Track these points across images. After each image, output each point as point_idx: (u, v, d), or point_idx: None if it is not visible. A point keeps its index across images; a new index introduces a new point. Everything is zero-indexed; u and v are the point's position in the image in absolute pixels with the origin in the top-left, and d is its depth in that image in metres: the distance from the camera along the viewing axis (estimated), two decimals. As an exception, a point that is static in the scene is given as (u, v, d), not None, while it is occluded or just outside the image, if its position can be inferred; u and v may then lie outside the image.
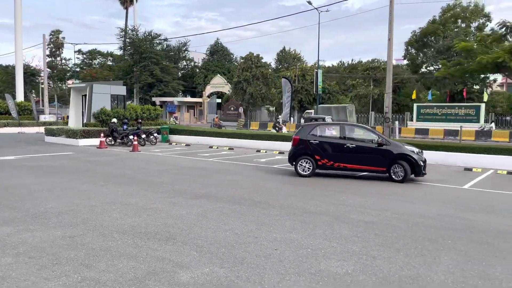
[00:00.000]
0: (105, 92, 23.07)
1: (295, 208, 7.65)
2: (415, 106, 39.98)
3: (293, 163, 12.05)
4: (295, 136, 12.24)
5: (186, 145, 21.94)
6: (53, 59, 73.02)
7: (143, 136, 20.65)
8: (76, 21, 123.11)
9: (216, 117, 42.83)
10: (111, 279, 4.27)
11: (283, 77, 32.75)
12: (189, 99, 65.41)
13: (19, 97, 42.86)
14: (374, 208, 7.78)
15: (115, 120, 21.25)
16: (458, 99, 44.67)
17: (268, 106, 55.18)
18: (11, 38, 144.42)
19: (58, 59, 75.08)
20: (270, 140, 20.22)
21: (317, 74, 35.74)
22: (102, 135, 19.96)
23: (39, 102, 59.31)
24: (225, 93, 59.03)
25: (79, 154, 16.48)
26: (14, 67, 48.14)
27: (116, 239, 5.60)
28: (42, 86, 57.69)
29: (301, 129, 12.50)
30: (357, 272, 4.61)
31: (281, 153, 18.23)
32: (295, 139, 12.12)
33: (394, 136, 26.37)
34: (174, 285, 4.16)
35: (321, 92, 40.48)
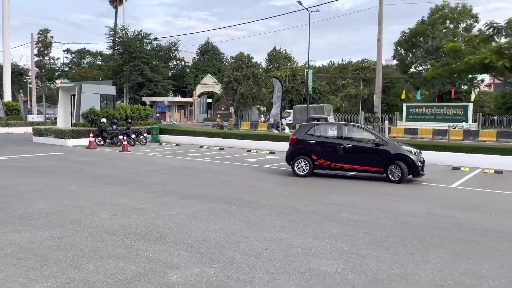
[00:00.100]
0: (94, 92, 22.86)
1: (285, 208, 7.67)
2: (404, 106, 40.36)
3: (290, 163, 11.95)
4: (293, 136, 12.21)
5: (176, 145, 21.86)
6: (41, 58, 72.29)
7: (133, 136, 20.51)
8: (64, 20, 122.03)
9: (218, 117, 42.44)
10: (100, 280, 4.24)
11: (274, 77, 32.81)
12: (179, 99, 65.14)
13: (7, 97, 42.36)
14: (364, 207, 7.83)
15: (104, 120, 21.10)
16: (447, 99, 45.23)
17: (259, 106, 55.21)
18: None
19: (46, 58, 74.35)
20: (261, 140, 20.25)
21: (307, 74, 35.81)
22: (92, 135, 19.81)
23: (27, 102, 58.64)
24: (215, 93, 58.89)
25: (68, 155, 16.32)
26: (2, 67, 47.54)
27: (105, 239, 5.56)
28: (30, 85, 57.00)
29: (299, 128, 12.48)
30: (346, 270, 4.64)
31: (271, 153, 18.27)
32: (292, 139, 12.06)
33: (383, 135, 26.51)
34: (163, 286, 4.14)
35: (312, 92, 40.60)
